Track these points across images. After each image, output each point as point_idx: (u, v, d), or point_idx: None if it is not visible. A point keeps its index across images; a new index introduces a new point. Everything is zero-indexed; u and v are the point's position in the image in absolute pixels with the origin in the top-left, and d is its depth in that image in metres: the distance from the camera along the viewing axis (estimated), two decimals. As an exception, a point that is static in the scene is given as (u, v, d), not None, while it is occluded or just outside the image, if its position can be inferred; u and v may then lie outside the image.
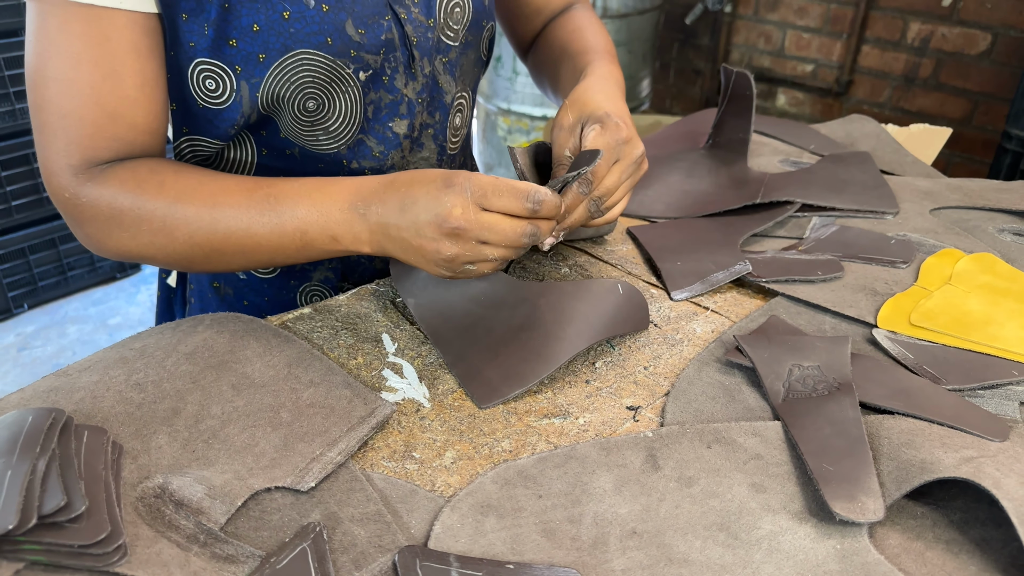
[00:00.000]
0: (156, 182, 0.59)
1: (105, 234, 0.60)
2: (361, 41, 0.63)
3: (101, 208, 0.59)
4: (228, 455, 0.50)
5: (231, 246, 0.60)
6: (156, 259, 0.61)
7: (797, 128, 1.03)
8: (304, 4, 0.60)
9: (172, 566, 0.42)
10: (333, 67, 0.63)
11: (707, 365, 0.61)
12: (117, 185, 0.59)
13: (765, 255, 0.74)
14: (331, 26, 0.62)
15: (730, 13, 2.78)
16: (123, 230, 0.59)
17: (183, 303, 0.83)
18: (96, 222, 0.60)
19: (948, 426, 0.52)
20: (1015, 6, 2.19)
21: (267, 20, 0.60)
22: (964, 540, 0.46)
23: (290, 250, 0.60)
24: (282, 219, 0.59)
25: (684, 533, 0.46)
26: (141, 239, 0.60)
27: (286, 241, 0.59)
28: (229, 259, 0.61)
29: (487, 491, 0.48)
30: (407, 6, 0.66)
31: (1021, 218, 0.84)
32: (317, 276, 0.76)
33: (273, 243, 0.59)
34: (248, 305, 0.77)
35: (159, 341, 0.60)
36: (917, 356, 0.61)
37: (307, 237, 0.59)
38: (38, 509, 0.42)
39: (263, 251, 0.60)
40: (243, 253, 0.60)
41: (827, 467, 0.49)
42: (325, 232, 0.59)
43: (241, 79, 0.61)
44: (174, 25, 0.59)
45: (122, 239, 0.60)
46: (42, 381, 0.56)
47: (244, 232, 0.59)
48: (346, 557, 0.44)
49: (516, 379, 0.57)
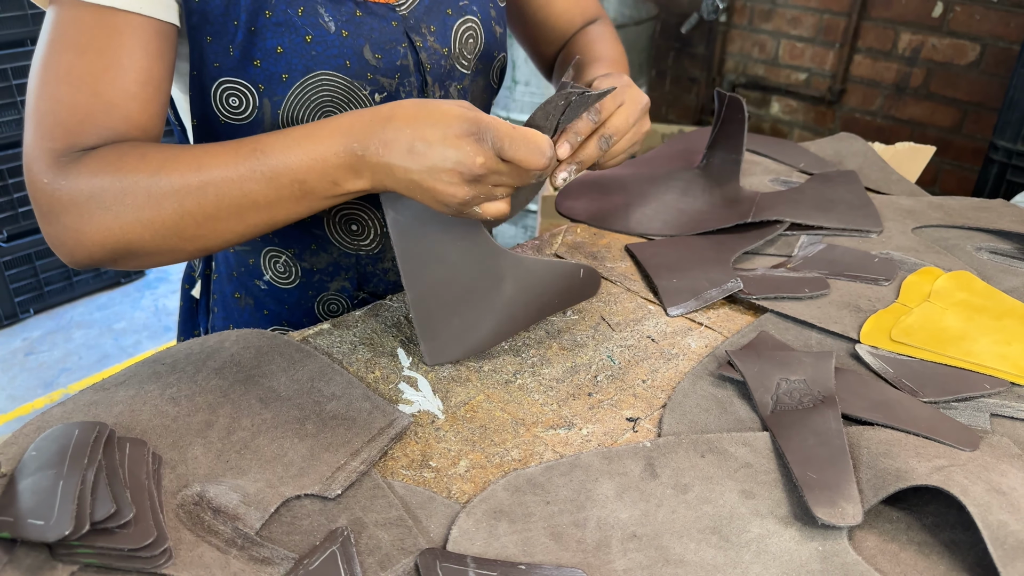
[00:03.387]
0: (137, 155, 0.57)
1: (86, 220, 0.56)
2: (377, 65, 0.68)
3: (80, 189, 0.55)
4: (259, 465, 0.54)
5: (225, 209, 0.57)
6: (143, 239, 0.57)
7: (787, 147, 1.07)
8: (325, 29, 0.65)
9: (214, 568, 0.47)
10: (351, 88, 0.67)
11: (701, 379, 0.65)
12: (97, 162, 0.56)
13: (756, 273, 0.79)
14: (350, 50, 0.66)
15: (725, 22, 2.82)
16: (105, 210, 0.55)
17: (207, 312, 0.87)
18: (75, 208, 0.56)
19: (923, 437, 0.57)
20: (1003, 18, 2.24)
21: (291, 43, 0.64)
22: (935, 542, 0.51)
23: (288, 203, 0.57)
24: (276, 172, 0.56)
25: (680, 536, 0.50)
26: (125, 217, 0.56)
27: (284, 194, 0.57)
28: (224, 225, 0.57)
29: (499, 498, 0.53)
30: (423, 35, 0.71)
31: (998, 237, 0.88)
32: (334, 286, 0.80)
33: (270, 198, 0.57)
34: (268, 314, 0.81)
35: (189, 356, 0.64)
36: (897, 370, 0.65)
37: (306, 187, 0.57)
38: (90, 516, 0.46)
39: (260, 209, 0.57)
40: (239, 215, 0.57)
41: (811, 475, 0.53)
42: (324, 178, 0.57)
43: (264, 96, 0.65)
44: (199, 46, 0.63)
45: (104, 221, 0.56)
46: (81, 395, 0.60)
47: (238, 192, 0.56)
48: (372, 559, 0.48)
49: (467, 345, 0.65)
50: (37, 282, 2.43)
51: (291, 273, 0.78)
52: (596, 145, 0.64)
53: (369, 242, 0.78)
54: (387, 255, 0.79)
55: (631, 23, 2.43)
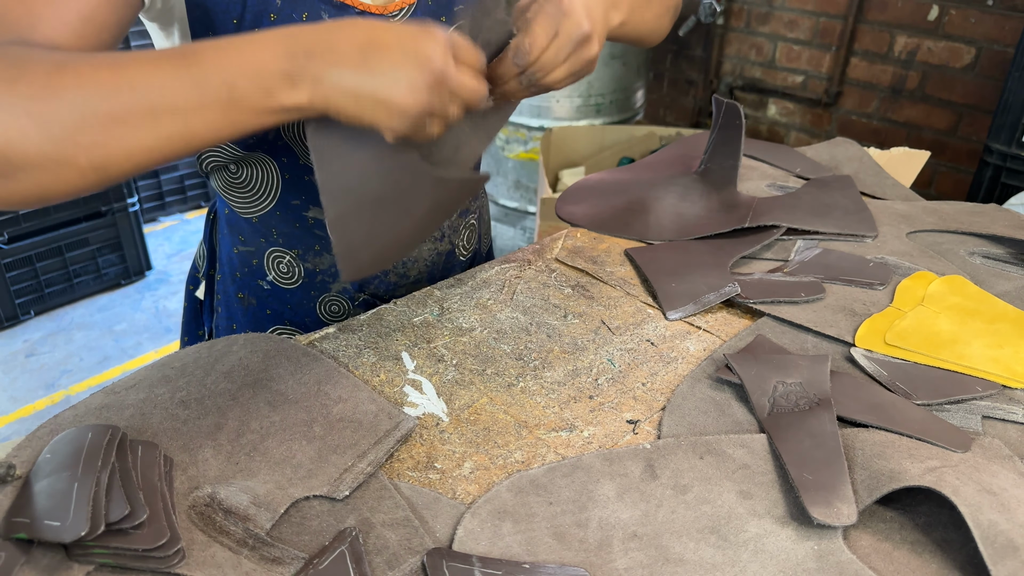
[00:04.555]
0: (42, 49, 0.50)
1: None
2: None
3: None
4: (269, 467, 0.56)
5: (137, 111, 0.48)
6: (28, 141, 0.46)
7: (784, 152, 1.09)
8: None
9: (226, 567, 0.48)
10: None
11: (699, 382, 0.66)
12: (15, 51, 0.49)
13: (753, 277, 0.80)
14: None
15: (722, 25, 2.84)
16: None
17: (211, 312, 0.88)
18: None
19: (916, 438, 0.58)
20: (998, 21, 2.26)
21: None
22: (927, 541, 0.52)
23: (211, 111, 0.50)
24: (204, 73, 0.49)
25: (679, 535, 0.52)
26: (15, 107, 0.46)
27: (208, 98, 0.49)
28: (132, 132, 0.48)
29: (503, 499, 0.54)
30: None
31: (991, 241, 0.90)
32: (335, 287, 0.81)
33: (191, 102, 0.49)
34: (271, 313, 0.83)
35: (197, 360, 0.66)
36: (891, 373, 0.67)
37: (234, 92, 0.50)
38: (105, 517, 0.47)
39: (177, 115, 0.49)
40: (152, 120, 0.48)
41: (807, 476, 0.55)
42: (257, 84, 0.50)
43: None
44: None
45: None
46: (92, 398, 0.61)
47: (156, 91, 0.48)
48: (380, 559, 0.49)
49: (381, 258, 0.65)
50: (38, 284, 2.44)
51: (294, 274, 0.80)
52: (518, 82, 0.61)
53: None
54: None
55: (629, 26, 2.44)
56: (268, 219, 0.78)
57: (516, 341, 0.72)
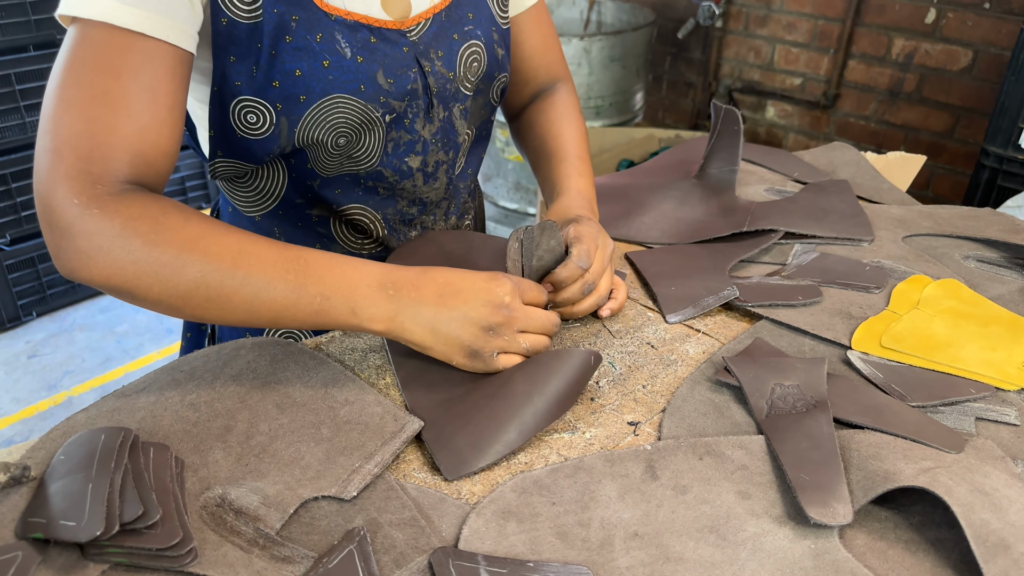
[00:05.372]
0: (181, 216, 0.58)
1: (104, 254, 0.56)
2: (390, 89, 0.70)
3: (112, 226, 0.56)
4: (278, 468, 0.57)
5: (241, 296, 0.58)
6: (149, 291, 0.57)
7: (782, 156, 1.10)
8: (342, 55, 0.67)
9: (238, 566, 0.49)
10: (364, 110, 0.70)
11: (699, 384, 0.68)
12: (139, 207, 0.57)
13: (751, 280, 0.82)
14: (365, 75, 0.69)
15: (721, 28, 2.86)
16: (128, 251, 0.56)
17: None
18: (99, 240, 0.56)
19: (911, 440, 0.60)
20: (995, 24, 2.27)
21: (309, 67, 0.66)
22: (921, 540, 0.54)
23: (303, 312, 0.60)
24: (306, 282, 0.59)
25: (679, 535, 0.53)
26: (145, 268, 0.56)
27: (302, 303, 0.59)
28: (231, 307, 0.59)
29: (507, 499, 0.55)
30: (432, 60, 0.73)
31: (985, 245, 0.91)
32: None
33: (288, 300, 0.59)
34: None
35: (206, 364, 0.67)
36: (886, 376, 0.68)
37: (327, 303, 0.60)
38: (120, 517, 0.48)
39: (273, 308, 0.59)
40: (251, 304, 0.59)
41: (804, 476, 0.56)
42: (347, 303, 0.60)
43: (281, 115, 0.68)
44: (222, 65, 0.65)
45: (121, 263, 0.56)
46: (103, 401, 0.63)
47: (262, 287, 0.58)
48: (387, 557, 0.51)
49: (486, 451, 0.58)
50: (40, 285, 2.45)
51: None
52: (580, 290, 0.72)
53: (372, 243, 0.81)
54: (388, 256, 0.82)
55: (628, 28, 2.46)
56: (270, 218, 0.79)
57: (519, 344, 0.73)
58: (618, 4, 2.84)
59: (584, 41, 2.36)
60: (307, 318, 0.60)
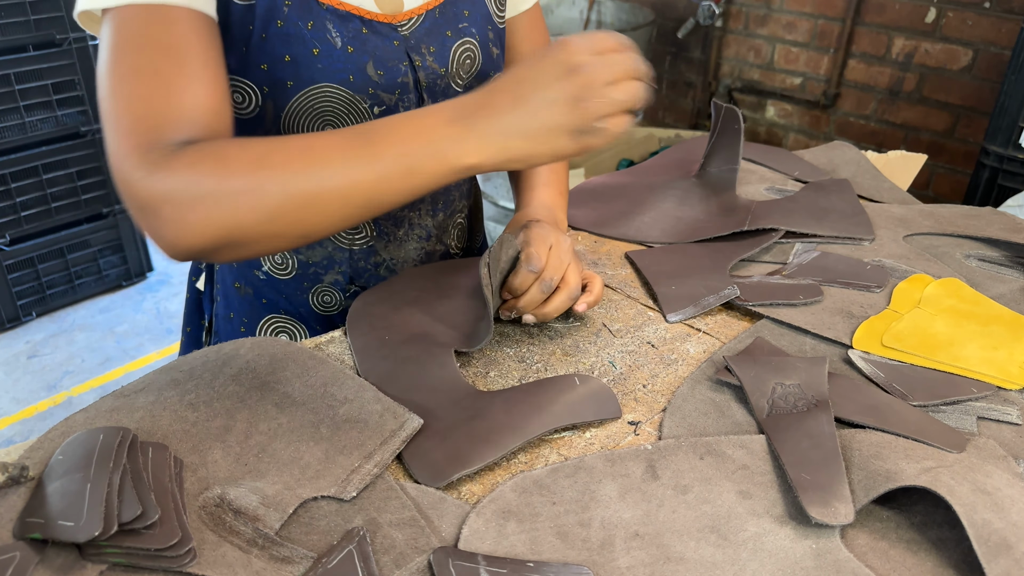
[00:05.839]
0: (238, 143, 0.58)
1: (187, 210, 0.55)
2: (379, 81, 0.71)
3: (179, 180, 0.55)
4: (277, 468, 0.57)
5: (328, 191, 0.56)
6: (246, 227, 0.56)
7: (782, 155, 1.10)
8: (332, 44, 0.67)
9: (236, 566, 0.49)
10: (352, 100, 0.70)
11: (699, 383, 0.67)
12: (195, 153, 0.56)
13: (752, 280, 0.81)
14: (354, 65, 0.69)
15: (721, 27, 2.85)
16: (206, 198, 0.55)
17: (211, 301, 0.90)
18: (175, 200, 0.55)
19: (912, 439, 0.59)
20: (995, 23, 2.27)
21: (298, 53, 0.66)
22: (923, 540, 0.53)
23: (393, 181, 0.57)
24: (381, 149, 0.57)
25: (680, 535, 0.53)
26: (228, 204, 0.55)
27: (387, 172, 0.57)
28: (326, 207, 0.57)
29: (507, 499, 0.55)
30: (423, 55, 0.73)
31: (986, 244, 0.91)
32: (328, 279, 0.82)
33: (373, 176, 0.57)
34: (267, 303, 0.84)
35: (205, 363, 0.67)
36: (887, 375, 0.68)
37: (410, 160, 0.57)
38: (118, 517, 0.48)
39: (362, 189, 0.57)
40: (341, 195, 0.56)
41: (805, 476, 0.56)
42: (430, 149, 0.57)
43: (268, 99, 0.68)
44: None
45: (206, 210, 0.55)
46: (102, 401, 0.62)
47: (341, 173, 0.56)
48: (387, 558, 0.50)
49: (462, 461, 0.57)
50: (39, 285, 2.44)
51: (288, 265, 0.81)
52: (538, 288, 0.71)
53: (362, 238, 0.81)
54: (378, 251, 0.82)
55: (628, 28, 2.46)
56: None
57: (518, 343, 0.73)
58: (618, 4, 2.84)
59: (584, 41, 2.35)
60: (401, 184, 0.57)
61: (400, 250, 0.83)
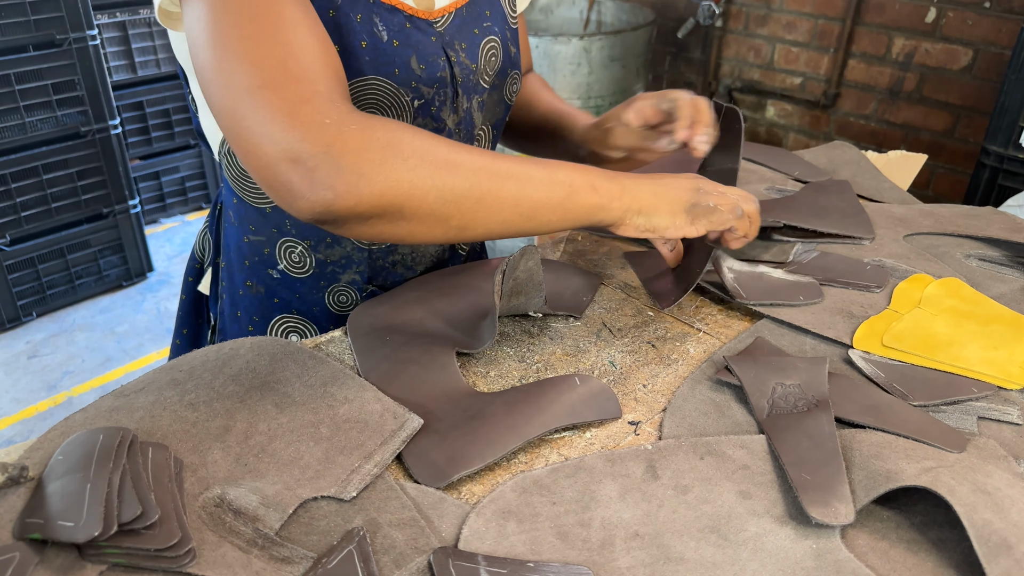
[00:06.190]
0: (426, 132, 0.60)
1: (378, 163, 0.55)
2: (421, 75, 0.71)
3: (376, 134, 0.56)
4: (277, 468, 0.57)
5: (508, 188, 0.61)
6: (421, 204, 0.58)
7: (782, 155, 1.10)
8: (379, 38, 0.69)
9: (236, 566, 0.49)
10: (396, 94, 0.71)
11: (699, 383, 0.67)
12: (386, 121, 0.58)
13: (751, 279, 0.81)
14: (400, 59, 0.70)
15: (721, 27, 2.85)
16: (401, 160, 0.56)
17: (215, 300, 0.90)
18: (367, 151, 0.55)
19: (913, 439, 0.59)
20: (995, 23, 2.27)
21: (347, 45, 0.67)
22: (923, 540, 0.53)
23: (555, 199, 0.64)
24: (554, 170, 0.64)
25: (680, 535, 0.53)
26: (421, 171, 0.57)
27: (555, 189, 0.63)
28: (497, 207, 0.61)
29: (507, 499, 0.55)
30: (456, 51, 0.75)
31: (987, 244, 0.91)
32: (345, 278, 0.82)
33: (545, 187, 0.63)
34: (279, 302, 0.84)
35: (205, 364, 0.66)
36: (888, 375, 0.68)
37: (573, 187, 0.64)
38: (118, 518, 0.48)
39: (532, 197, 0.62)
40: (514, 198, 0.61)
41: (805, 476, 0.56)
42: (588, 184, 0.65)
43: None
44: None
45: (396, 172, 0.56)
46: (102, 401, 0.62)
47: (523, 174, 0.62)
48: (387, 558, 0.50)
49: (462, 461, 0.57)
50: (40, 285, 2.44)
51: (305, 263, 0.81)
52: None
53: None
54: (397, 248, 0.82)
55: (628, 28, 2.45)
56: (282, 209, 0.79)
57: (519, 343, 0.73)
58: (618, 4, 2.84)
59: (584, 41, 2.36)
60: (559, 205, 0.64)
61: (419, 246, 0.83)
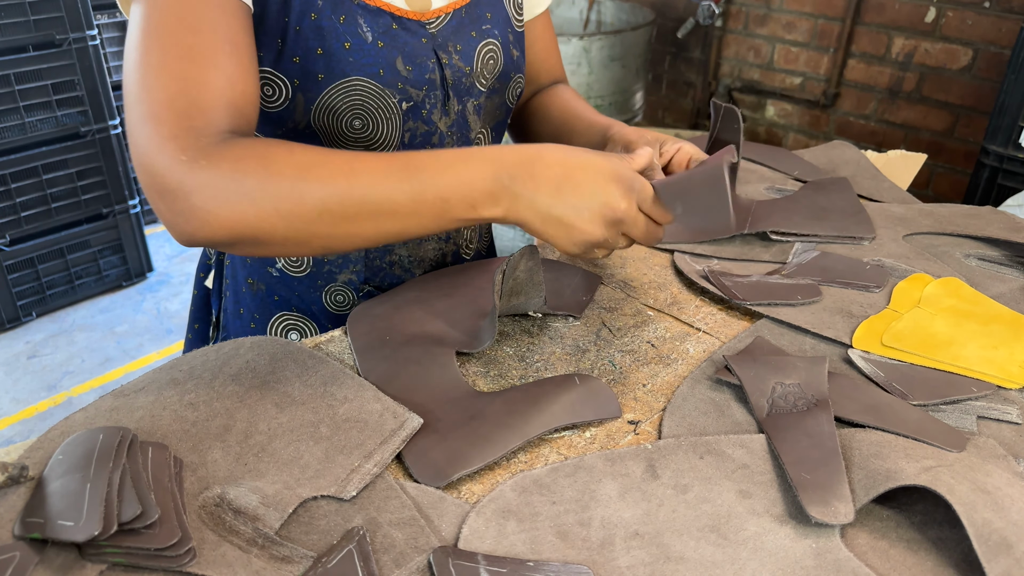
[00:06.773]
0: (284, 149, 0.58)
1: (221, 203, 0.56)
2: (408, 76, 0.72)
3: (223, 173, 0.56)
4: (277, 467, 0.57)
5: (364, 214, 0.58)
6: (275, 231, 0.57)
7: (782, 155, 1.10)
8: (363, 39, 0.69)
9: (236, 566, 0.49)
10: (381, 95, 0.71)
11: (699, 383, 0.67)
12: (243, 149, 0.57)
13: (751, 279, 0.81)
14: (384, 60, 0.70)
15: (721, 27, 2.85)
16: (244, 197, 0.56)
17: (219, 297, 0.90)
18: (211, 191, 0.55)
19: (912, 438, 0.59)
20: (995, 23, 2.27)
21: (330, 47, 0.67)
22: (923, 539, 0.53)
23: (425, 217, 0.60)
24: (423, 187, 0.59)
25: (680, 534, 0.53)
26: (265, 206, 0.56)
27: (423, 208, 0.60)
28: (357, 228, 0.59)
29: (507, 498, 0.55)
30: (449, 53, 0.75)
31: (986, 244, 0.91)
32: (342, 278, 0.83)
33: (409, 210, 0.59)
34: (279, 300, 0.85)
35: (205, 363, 0.67)
36: (887, 374, 0.68)
37: (447, 205, 0.60)
38: (118, 517, 0.48)
39: (396, 219, 0.60)
40: (374, 221, 0.59)
41: (805, 475, 0.56)
42: (465, 200, 0.60)
43: (298, 91, 0.69)
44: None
45: (242, 207, 0.56)
46: (102, 401, 0.62)
47: (382, 198, 0.58)
48: (387, 557, 0.50)
49: (462, 461, 0.57)
50: (39, 285, 2.44)
51: (302, 262, 0.82)
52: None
53: None
54: (394, 248, 0.82)
55: (628, 28, 2.46)
56: None
57: (519, 343, 0.73)
58: (618, 4, 2.84)
59: (584, 41, 2.36)
60: (428, 224, 0.61)
61: (419, 248, 0.84)
